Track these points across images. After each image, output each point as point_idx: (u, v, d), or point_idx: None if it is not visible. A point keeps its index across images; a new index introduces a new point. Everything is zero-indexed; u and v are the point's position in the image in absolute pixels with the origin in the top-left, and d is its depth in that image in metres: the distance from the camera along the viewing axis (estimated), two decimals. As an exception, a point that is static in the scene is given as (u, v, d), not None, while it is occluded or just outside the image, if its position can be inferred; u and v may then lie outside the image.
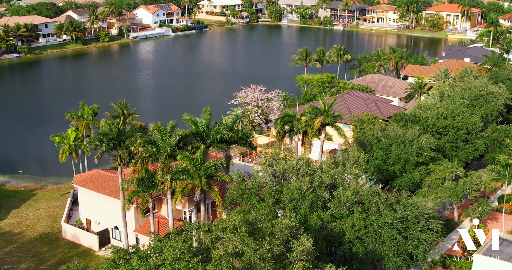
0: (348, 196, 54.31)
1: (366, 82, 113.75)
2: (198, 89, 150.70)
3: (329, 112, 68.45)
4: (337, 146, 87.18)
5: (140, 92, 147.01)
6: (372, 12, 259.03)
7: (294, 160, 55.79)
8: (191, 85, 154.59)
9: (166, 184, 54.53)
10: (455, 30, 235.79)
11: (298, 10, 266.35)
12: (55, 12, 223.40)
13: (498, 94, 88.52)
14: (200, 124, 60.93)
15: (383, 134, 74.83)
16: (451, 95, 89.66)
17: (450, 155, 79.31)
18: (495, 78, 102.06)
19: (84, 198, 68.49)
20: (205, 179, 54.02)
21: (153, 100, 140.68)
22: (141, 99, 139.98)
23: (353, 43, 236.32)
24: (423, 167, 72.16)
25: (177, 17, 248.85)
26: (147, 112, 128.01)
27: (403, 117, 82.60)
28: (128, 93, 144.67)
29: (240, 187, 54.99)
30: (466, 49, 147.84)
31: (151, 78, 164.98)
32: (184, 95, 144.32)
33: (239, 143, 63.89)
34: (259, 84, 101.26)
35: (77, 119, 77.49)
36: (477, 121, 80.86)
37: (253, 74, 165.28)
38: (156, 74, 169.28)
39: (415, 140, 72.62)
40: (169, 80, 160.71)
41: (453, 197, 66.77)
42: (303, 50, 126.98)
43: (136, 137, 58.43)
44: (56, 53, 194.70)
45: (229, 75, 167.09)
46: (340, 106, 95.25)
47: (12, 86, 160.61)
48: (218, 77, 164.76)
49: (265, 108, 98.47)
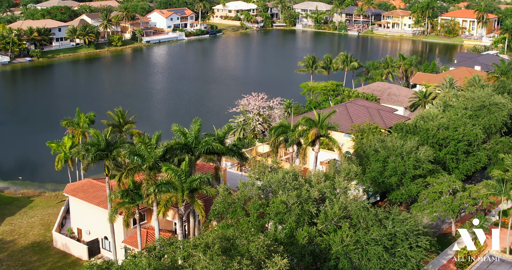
0: (336, 211, 53.25)
1: (372, 90, 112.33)
2: (208, 94, 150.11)
3: (324, 123, 67.29)
4: (337, 156, 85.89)
5: (148, 97, 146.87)
6: (387, 17, 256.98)
7: (280, 173, 54.82)
8: (200, 90, 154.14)
9: (150, 197, 53.83)
10: (470, 36, 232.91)
11: (312, 15, 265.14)
12: (69, 16, 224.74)
13: (502, 105, 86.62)
14: (189, 135, 60.17)
15: (380, 145, 73.55)
16: (454, 105, 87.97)
17: (451, 167, 77.77)
18: (502, 88, 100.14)
19: (75, 207, 68.16)
20: (188, 192, 53.20)
21: (161, 105, 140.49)
22: (149, 103, 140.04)
23: (368, 48, 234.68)
24: (420, 179, 70.76)
25: (191, 22, 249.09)
26: (153, 117, 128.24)
27: (403, 127, 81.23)
28: (136, 98, 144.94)
29: (225, 200, 54.15)
30: (478, 57, 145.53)
31: (161, 82, 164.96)
32: (193, 100, 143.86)
33: (229, 154, 63.00)
34: (261, 92, 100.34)
35: (73, 127, 77.14)
36: (479, 133, 79.16)
37: (264, 80, 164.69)
38: (167, 79, 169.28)
39: (413, 152, 71.28)
40: (179, 85, 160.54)
41: (449, 212, 65.31)
42: (309, 57, 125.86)
43: (124, 148, 57.86)
44: (69, 57, 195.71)
45: (239, 80, 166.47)
46: (342, 115, 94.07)
47: (22, 90, 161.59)
48: (229, 82, 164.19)
49: (267, 116, 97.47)
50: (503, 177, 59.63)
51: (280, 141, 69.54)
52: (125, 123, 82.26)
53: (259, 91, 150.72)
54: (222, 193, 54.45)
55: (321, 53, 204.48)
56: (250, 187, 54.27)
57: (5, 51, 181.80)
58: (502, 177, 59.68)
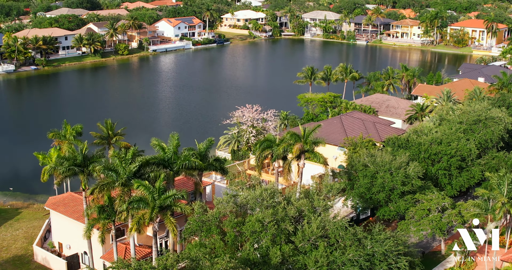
0: (313, 230, 51.89)
1: (370, 102, 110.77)
2: (209, 104, 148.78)
3: (309, 138, 65.90)
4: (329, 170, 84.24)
5: (149, 106, 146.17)
6: (396, 27, 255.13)
7: (258, 190, 53.53)
8: (202, 100, 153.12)
9: (122, 213, 52.75)
10: (480, 46, 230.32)
11: (321, 24, 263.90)
12: (77, 25, 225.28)
13: (499, 119, 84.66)
14: (167, 150, 59.09)
15: (370, 160, 72.00)
16: (450, 119, 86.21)
17: (443, 183, 76.04)
18: (502, 101, 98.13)
19: (56, 221, 67.32)
20: (160, 209, 52.04)
21: (161, 115, 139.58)
22: (149, 113, 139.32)
23: (376, 58, 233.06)
24: (409, 196, 69.11)
25: (199, 30, 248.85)
26: (151, 127, 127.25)
27: (395, 141, 79.63)
28: (137, 107, 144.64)
29: (200, 218, 52.92)
30: (482, 68, 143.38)
31: (163, 91, 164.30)
32: (194, 110, 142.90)
33: (209, 169, 61.84)
34: (255, 104, 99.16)
35: (59, 139, 76.35)
36: (473, 148, 77.36)
37: (267, 90, 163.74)
38: (170, 88, 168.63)
39: (402, 168, 69.67)
40: (182, 94, 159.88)
41: (436, 230, 63.55)
42: (308, 68, 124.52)
43: (100, 163, 56.91)
44: (74, 65, 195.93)
45: (242, 90, 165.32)
46: (336, 128, 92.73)
47: (24, 99, 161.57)
48: (232, 92, 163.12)
49: (260, 129, 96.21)
50: (488, 196, 57.84)
51: (266, 155, 68.15)
52: (113, 135, 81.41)
53: (262, 101, 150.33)
54: (197, 210, 53.24)
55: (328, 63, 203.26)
56: (225, 204, 53.02)
57: (10, 60, 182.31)
58: (488, 196, 57.88)
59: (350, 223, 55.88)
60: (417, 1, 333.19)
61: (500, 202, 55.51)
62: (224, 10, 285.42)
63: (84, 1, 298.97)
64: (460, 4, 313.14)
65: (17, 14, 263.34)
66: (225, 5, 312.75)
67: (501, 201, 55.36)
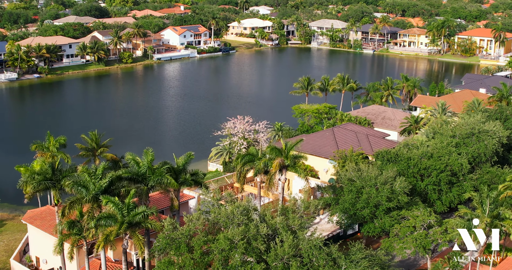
0: (285, 249, 50.27)
1: (367, 113, 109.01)
2: (208, 114, 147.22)
3: (290, 153, 64.35)
4: (319, 183, 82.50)
5: (148, 115, 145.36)
6: (403, 35, 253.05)
7: (230, 207, 52.05)
8: (202, 109, 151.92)
9: (90, 230, 51.48)
10: (487, 55, 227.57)
11: (328, 33, 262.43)
12: (82, 33, 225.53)
13: (493, 132, 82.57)
14: (142, 165, 57.81)
15: (356, 174, 70.24)
16: (443, 133, 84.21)
17: (432, 199, 74.07)
18: (500, 113, 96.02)
19: (33, 235, 66.27)
20: (129, 226, 50.72)
21: (158, 124, 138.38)
22: (147, 122, 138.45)
23: (383, 67, 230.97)
24: (395, 212, 67.24)
25: (205, 39, 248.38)
26: (147, 136, 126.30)
27: (385, 155, 77.76)
28: (135, 116, 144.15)
29: (169, 235, 51.51)
30: (485, 79, 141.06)
31: (164, 100, 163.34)
32: (192, 119, 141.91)
33: (185, 185, 60.48)
34: (247, 115, 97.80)
35: (42, 151, 75.45)
36: (464, 163, 75.30)
37: (269, 99, 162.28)
38: (171, 97, 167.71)
39: (388, 183, 67.84)
40: (182, 103, 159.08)
41: (419, 248, 61.61)
42: (305, 79, 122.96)
43: (72, 177, 55.73)
44: (78, 74, 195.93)
45: (243, 99, 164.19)
46: (328, 140, 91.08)
47: (24, 107, 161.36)
48: (232, 102, 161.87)
49: (252, 140, 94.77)
50: (470, 215, 55.89)
51: (247, 170, 66.72)
52: (98, 147, 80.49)
53: (262, 110, 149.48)
54: (166, 227, 51.85)
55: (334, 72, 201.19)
56: (195, 221, 51.62)
57: (13, 68, 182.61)
58: (470, 215, 55.94)
59: (327, 241, 54.29)
60: (427, 9, 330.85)
61: (483, 222, 53.53)
62: (232, 18, 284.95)
63: (92, 9, 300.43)
64: (470, 13, 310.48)
65: (25, 22, 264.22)
66: (233, 13, 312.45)
67: (484, 221, 53.40)
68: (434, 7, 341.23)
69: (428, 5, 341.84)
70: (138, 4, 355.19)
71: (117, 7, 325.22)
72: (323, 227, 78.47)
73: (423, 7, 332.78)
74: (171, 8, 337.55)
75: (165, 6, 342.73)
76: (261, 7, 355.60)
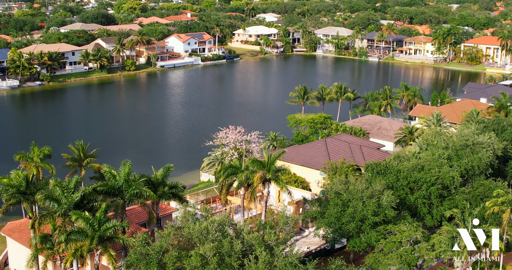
0: (259, 266, 48.84)
1: (363, 123, 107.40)
2: (206, 122, 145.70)
3: (272, 166, 62.92)
4: (309, 195, 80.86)
5: (146, 123, 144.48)
6: (409, 43, 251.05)
7: (205, 223, 50.70)
8: (201, 117, 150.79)
9: (61, 245, 50.29)
10: (494, 64, 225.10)
11: (333, 41, 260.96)
12: (86, 40, 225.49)
13: (487, 144, 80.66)
14: (118, 178, 56.63)
15: (343, 187, 68.69)
16: (436, 144, 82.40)
17: (422, 213, 72.32)
18: (497, 124, 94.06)
19: (12, 247, 65.20)
20: (100, 241, 49.49)
21: (155, 132, 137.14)
22: (144, 130, 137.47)
23: (389, 75, 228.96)
24: (382, 227, 65.60)
25: (209, 46, 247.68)
26: (142, 144, 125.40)
27: (374, 168, 76.10)
28: (132, 124, 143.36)
29: (141, 251, 50.22)
30: (487, 88, 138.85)
31: (163, 108, 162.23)
32: (190, 127, 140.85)
33: (163, 198, 59.21)
34: (239, 125, 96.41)
35: (26, 161, 74.46)
36: (456, 175, 73.46)
37: (269, 108, 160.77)
38: (171, 105, 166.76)
39: (375, 197, 66.24)
40: (182, 111, 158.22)
41: (404, 265, 59.90)
42: (301, 88, 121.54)
43: (46, 190, 54.64)
44: (80, 81, 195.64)
45: (243, 107, 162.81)
46: (320, 152, 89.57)
47: (23, 115, 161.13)
48: (232, 110, 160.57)
49: (244, 151, 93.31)
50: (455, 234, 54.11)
51: (230, 182, 65.37)
52: (85, 157, 79.52)
53: (261, 119, 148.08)
54: (138, 242, 50.57)
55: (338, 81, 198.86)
56: (166, 237, 50.31)
57: (15, 75, 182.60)
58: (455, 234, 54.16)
59: (306, 258, 52.85)
60: (435, 17, 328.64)
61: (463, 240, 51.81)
62: (237, 25, 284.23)
63: (99, 16, 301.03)
64: (478, 20, 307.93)
65: (31, 29, 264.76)
66: (239, 20, 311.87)
67: (465, 239, 51.68)
68: (443, 15, 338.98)
69: (436, 13, 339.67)
70: (145, 11, 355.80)
71: (123, 14, 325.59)
72: (312, 240, 76.99)
73: (431, 15, 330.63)
74: (178, 15, 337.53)
75: (172, 13, 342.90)
76: (269, 14, 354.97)
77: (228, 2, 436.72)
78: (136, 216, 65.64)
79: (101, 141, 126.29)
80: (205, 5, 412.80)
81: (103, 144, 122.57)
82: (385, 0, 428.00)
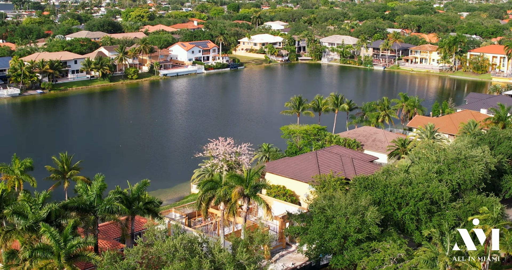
0: (229, 287, 47.32)
1: (357, 135, 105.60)
2: (204, 131, 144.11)
3: (251, 181, 61.33)
4: (296, 209, 79.08)
5: (143, 132, 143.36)
6: (415, 52, 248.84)
7: (171, 241, 49.21)
8: (199, 126, 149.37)
9: (25, 263, 48.95)
10: (500, 73, 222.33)
11: (338, 49, 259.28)
12: (89, 48, 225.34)
13: (480, 158, 78.65)
14: (90, 193, 55.30)
15: (327, 203, 66.93)
16: (428, 157, 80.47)
17: (410, 229, 70.32)
18: (493, 136, 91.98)
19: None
20: (66, 258, 48.13)
21: (151, 141, 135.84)
22: (140, 139, 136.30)
23: (394, 84, 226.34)
24: (366, 244, 63.77)
25: (213, 54, 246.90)
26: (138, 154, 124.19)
27: (362, 182, 74.26)
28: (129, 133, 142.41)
29: (109, 269, 48.80)
30: (488, 98, 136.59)
31: (162, 117, 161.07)
32: (187, 136, 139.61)
33: (139, 213, 57.79)
34: (228, 136, 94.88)
35: (7, 173, 73.46)
36: (445, 190, 71.44)
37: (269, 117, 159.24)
38: (171, 114, 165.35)
39: (359, 213, 64.40)
40: (181, 120, 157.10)
41: (385, 285, 58.09)
42: (296, 98, 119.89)
43: (14, 205, 53.38)
44: (81, 89, 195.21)
45: (243, 117, 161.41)
46: (310, 164, 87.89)
47: (24, 123, 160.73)
48: (231, 119, 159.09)
49: (233, 163, 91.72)
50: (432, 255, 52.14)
51: (210, 197, 63.87)
52: (69, 169, 78.47)
53: (259, 129, 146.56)
54: (106, 260, 49.14)
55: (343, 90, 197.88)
56: (135, 255, 48.85)
57: (16, 83, 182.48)
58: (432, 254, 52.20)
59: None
60: (443, 25, 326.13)
61: (442, 262, 49.87)
62: (243, 33, 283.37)
63: (105, 24, 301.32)
64: (486, 29, 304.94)
65: (37, 37, 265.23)
66: (246, 28, 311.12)
67: (443, 260, 49.73)
68: (451, 23, 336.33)
69: (445, 21, 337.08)
70: (153, 19, 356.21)
71: (130, 22, 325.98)
72: (297, 256, 75.19)
73: (439, 23, 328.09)
74: (185, 23, 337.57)
75: (179, 21, 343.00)
76: (276, 22, 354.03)
77: (236, 10, 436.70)
78: (114, 231, 64.31)
79: (96, 151, 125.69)
80: (213, 13, 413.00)
81: (98, 155, 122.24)
82: (394, 8, 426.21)
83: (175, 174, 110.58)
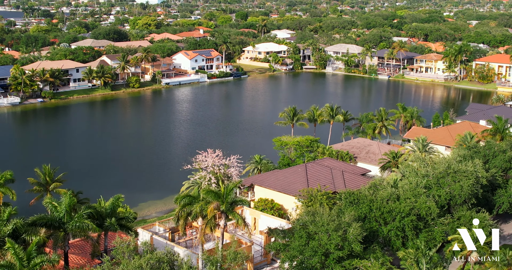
0: (195, 308, 45.77)
1: (351, 147, 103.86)
2: (202, 141, 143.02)
3: (228, 197, 59.86)
4: (284, 223, 77.38)
5: (140, 142, 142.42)
6: (420, 61, 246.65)
7: (137, 260, 47.77)
8: (196, 137, 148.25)
9: (-14, 281, 47.68)
10: (506, 82, 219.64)
11: (343, 58, 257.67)
12: (92, 56, 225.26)
13: (471, 173, 76.60)
14: (60, 209, 54.05)
15: (310, 218, 65.21)
16: (417, 172, 78.60)
17: (395, 246, 68.46)
18: (488, 149, 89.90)
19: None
20: (28, 278, 46.83)
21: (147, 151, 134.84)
22: (132, 150, 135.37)
23: (398, 94, 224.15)
24: (348, 261, 61.99)
25: (217, 63, 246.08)
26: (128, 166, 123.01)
27: (347, 197, 72.51)
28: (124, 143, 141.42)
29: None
30: (489, 109, 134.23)
31: (160, 126, 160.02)
32: (183, 146, 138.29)
33: (112, 229, 56.46)
34: (224, 147, 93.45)
35: (-13, 186, 72.36)
36: (432, 206, 69.56)
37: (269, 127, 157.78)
38: (169, 123, 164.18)
39: (341, 230, 62.65)
40: (179, 130, 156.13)
41: (365, 305, 56.29)
42: (290, 109, 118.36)
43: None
44: (82, 98, 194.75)
45: (242, 126, 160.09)
46: (298, 178, 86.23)
47: (22, 133, 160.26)
48: (230, 129, 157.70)
49: (222, 175, 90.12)
50: None
51: (187, 213, 62.40)
52: (52, 182, 77.32)
53: (257, 140, 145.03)
54: (70, 280, 47.84)
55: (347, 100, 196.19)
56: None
57: (17, 92, 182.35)
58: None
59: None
60: (450, 34, 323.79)
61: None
62: (248, 42, 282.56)
63: (111, 32, 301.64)
64: (494, 38, 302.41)
65: (42, 45, 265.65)
66: (251, 37, 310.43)
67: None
68: (459, 32, 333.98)
69: (453, 30, 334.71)
70: (159, 27, 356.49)
71: (136, 31, 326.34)
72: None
73: (446, 32, 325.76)
74: (191, 31, 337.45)
75: (185, 30, 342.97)
76: (283, 31, 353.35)
77: (245, 18, 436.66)
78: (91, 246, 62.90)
79: (90, 162, 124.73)
80: (221, 22, 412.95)
81: (90, 165, 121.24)
82: (403, 17, 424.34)
83: (167, 186, 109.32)
